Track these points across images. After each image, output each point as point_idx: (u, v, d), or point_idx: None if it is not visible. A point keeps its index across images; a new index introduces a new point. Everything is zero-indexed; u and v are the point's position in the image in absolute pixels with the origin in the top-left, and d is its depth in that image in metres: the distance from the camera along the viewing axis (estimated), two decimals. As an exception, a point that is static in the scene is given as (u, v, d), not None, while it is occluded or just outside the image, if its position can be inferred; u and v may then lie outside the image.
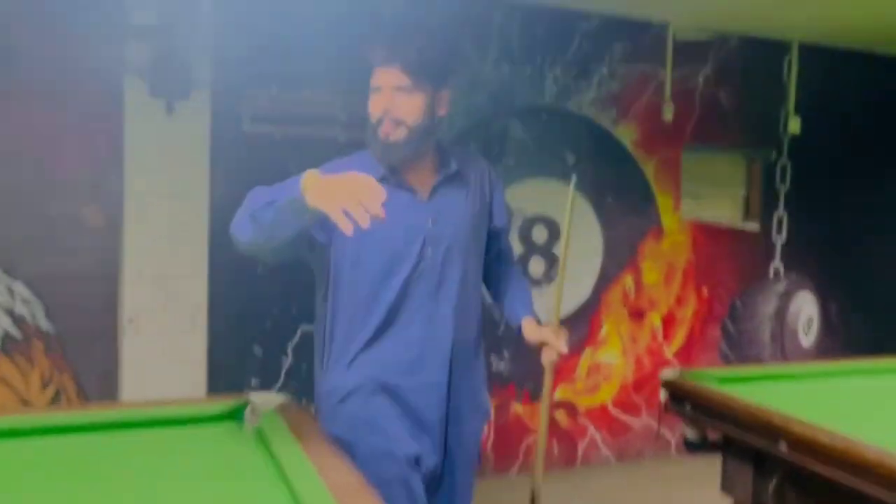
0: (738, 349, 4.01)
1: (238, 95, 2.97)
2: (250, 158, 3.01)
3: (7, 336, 2.75)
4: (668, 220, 3.82)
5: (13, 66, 2.66)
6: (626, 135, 3.69)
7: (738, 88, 3.89)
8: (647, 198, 3.76)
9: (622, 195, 3.70)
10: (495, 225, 1.82)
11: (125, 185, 2.82)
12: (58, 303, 2.78)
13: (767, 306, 4.07)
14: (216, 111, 2.93)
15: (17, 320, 2.75)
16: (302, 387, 3.17)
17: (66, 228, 2.78)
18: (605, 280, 3.71)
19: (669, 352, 3.86)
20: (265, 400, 1.68)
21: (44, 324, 2.78)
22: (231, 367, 3.05)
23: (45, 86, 2.70)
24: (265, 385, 3.11)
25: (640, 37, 3.66)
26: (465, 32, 3.32)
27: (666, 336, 3.85)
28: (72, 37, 2.70)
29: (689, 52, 3.76)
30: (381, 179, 1.59)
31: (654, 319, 3.83)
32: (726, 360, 3.97)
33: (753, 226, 4.02)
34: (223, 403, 1.71)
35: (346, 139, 3.14)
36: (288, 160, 3.07)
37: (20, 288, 2.74)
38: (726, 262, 3.97)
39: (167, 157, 2.87)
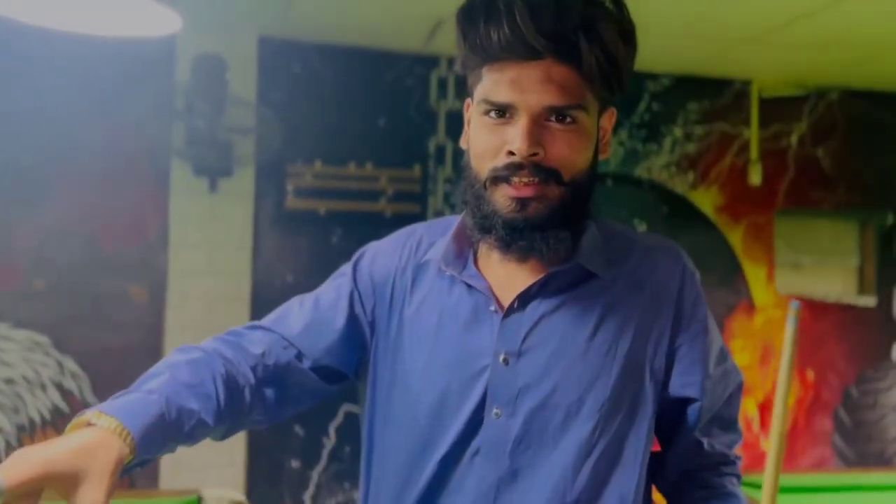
0: (856, 444, 3.44)
1: (281, 171, 2.99)
2: (294, 234, 3.01)
3: (56, 410, 2.84)
4: (760, 293, 3.40)
5: (68, 150, 2.82)
6: (706, 200, 3.36)
7: (841, 145, 3.47)
8: (734, 269, 3.38)
9: (703, 266, 3.32)
10: (673, 394, 1.01)
11: (169, 263, 2.89)
12: (104, 377, 2.84)
13: (892, 395, 3.49)
14: (259, 187, 2.96)
15: (66, 394, 2.84)
16: (344, 468, 3.03)
17: (114, 305, 2.86)
18: (687, 361, 3.33)
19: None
20: (219, 497, 1.57)
21: (90, 398, 2.85)
22: (271, 446, 2.98)
23: (97, 168, 2.85)
24: (307, 465, 3.01)
25: (719, 95, 3.37)
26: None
27: (763, 426, 3.38)
28: (121, 121, 2.84)
29: (779, 108, 3.41)
30: (446, 263, 0.99)
31: (748, 407, 3.37)
32: (843, 458, 3.41)
33: (868, 300, 3.50)
34: (177, 498, 1.63)
35: (392, 213, 3.07)
36: (332, 235, 3.04)
37: (69, 363, 2.84)
38: (836, 343, 3.46)
39: (210, 234, 2.92)
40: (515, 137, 0.90)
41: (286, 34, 2.96)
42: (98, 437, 0.76)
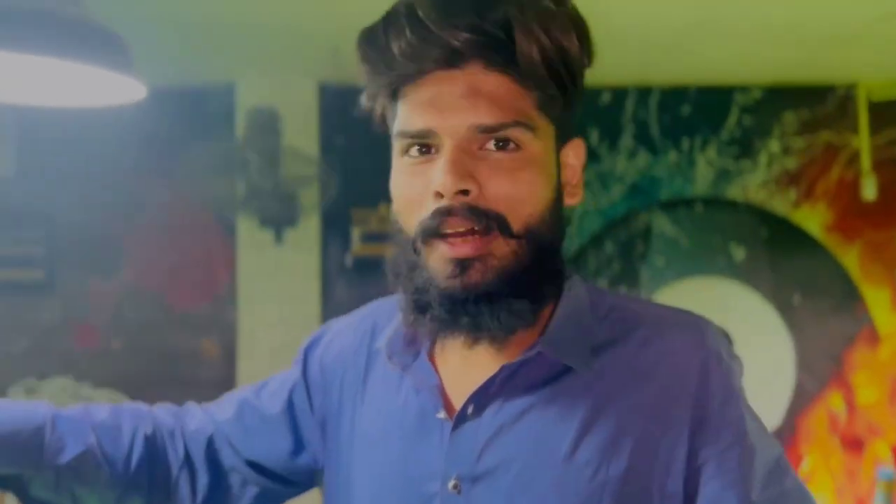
0: None
1: (345, 217, 2.93)
2: (362, 280, 2.92)
3: (136, 467, 2.86)
4: (884, 320, 3.00)
5: (138, 210, 2.87)
6: (813, 219, 3.01)
7: (972, 147, 3.03)
8: (850, 294, 3.00)
9: (814, 293, 2.99)
10: None
11: (238, 316, 2.86)
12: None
13: None
14: (325, 235, 2.90)
15: (145, 452, 2.85)
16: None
17: (186, 361, 2.86)
18: (802, 400, 2.97)
19: (907, 494, 2.94)
20: None
21: (168, 455, 2.85)
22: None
23: (165, 225, 2.88)
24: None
25: (820, 102, 3.03)
26: (589, 124, 2.99)
27: (899, 473, 2.94)
28: (186, 177, 2.87)
29: (891, 112, 3.03)
30: (389, 355, 0.80)
31: (881, 450, 2.96)
32: None
33: None
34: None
35: (461, 253, 2.93)
36: (400, 280, 2.93)
37: (147, 420, 2.85)
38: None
39: (277, 285, 2.88)
40: (438, 172, 0.68)
41: (343, 80, 2.91)
42: None
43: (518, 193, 0.70)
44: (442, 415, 0.76)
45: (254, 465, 0.89)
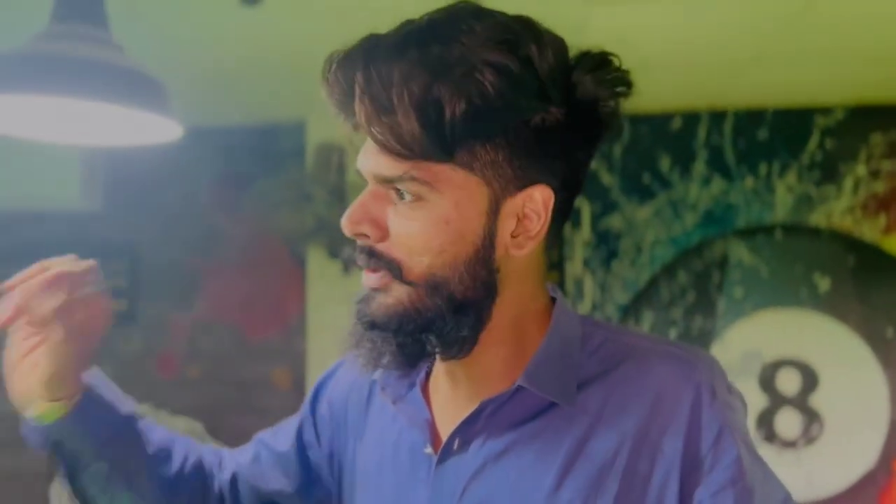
0: None
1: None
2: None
3: (210, 493, 2.94)
4: None
5: (215, 243, 2.99)
6: (906, 246, 2.82)
7: None
8: (951, 327, 2.78)
9: (909, 326, 2.78)
10: None
11: (308, 346, 2.92)
12: (252, 462, 2.90)
13: None
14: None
15: (219, 478, 2.93)
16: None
17: (258, 390, 2.94)
18: (899, 441, 2.75)
19: None
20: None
21: (241, 482, 2.92)
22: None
23: (240, 259, 2.98)
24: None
25: (912, 121, 2.85)
26: (660, 151, 2.92)
27: None
28: (261, 212, 2.97)
29: None
30: (383, 386, 0.81)
31: None
32: None
33: None
34: None
35: (528, 283, 2.90)
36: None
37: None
38: None
39: (345, 314, 2.91)
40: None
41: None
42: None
43: (413, 243, 0.69)
44: (428, 450, 0.76)
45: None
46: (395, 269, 0.70)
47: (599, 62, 0.71)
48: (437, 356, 0.74)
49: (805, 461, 2.74)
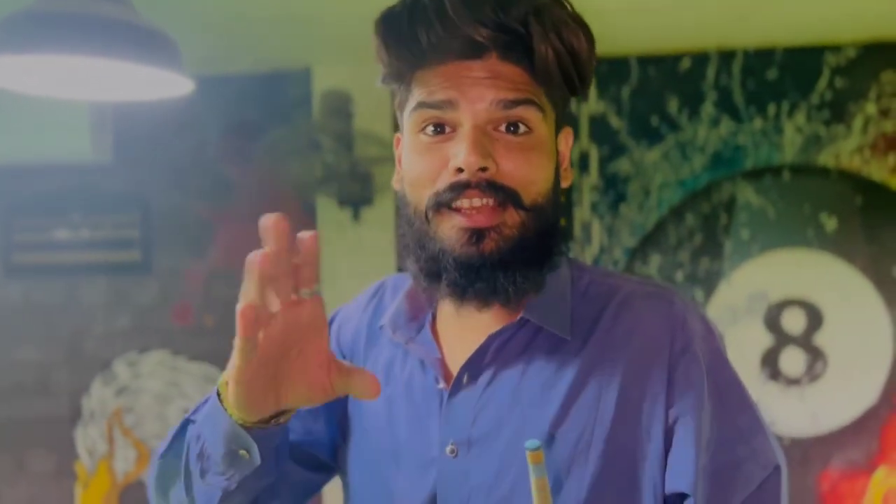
0: None
1: (420, 196, 2.97)
2: (437, 257, 2.96)
3: (229, 436, 3.03)
4: None
5: (228, 195, 3.01)
6: (914, 185, 2.82)
7: None
8: (957, 265, 2.79)
9: (916, 265, 2.80)
10: (666, 490, 0.76)
11: (320, 292, 2.96)
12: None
13: None
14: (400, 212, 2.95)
15: (237, 422, 3.02)
16: None
17: (273, 336, 3.00)
18: (902, 377, 2.80)
19: None
20: None
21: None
22: None
23: (252, 209, 3.00)
24: None
25: (923, 58, 2.82)
26: (668, 92, 2.90)
27: None
28: (270, 161, 2.98)
29: None
30: (394, 329, 0.85)
31: None
32: None
33: None
34: None
35: (536, 228, 2.92)
36: (475, 256, 2.96)
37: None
38: None
39: (356, 262, 2.96)
40: (460, 150, 0.74)
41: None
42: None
43: (529, 172, 0.76)
44: (441, 385, 0.82)
45: (300, 457, 0.90)
46: (514, 197, 0.75)
47: (591, 40, 0.81)
48: (511, 296, 0.77)
49: (809, 398, 2.80)
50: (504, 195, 0.75)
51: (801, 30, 2.72)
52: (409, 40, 0.75)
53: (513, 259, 0.75)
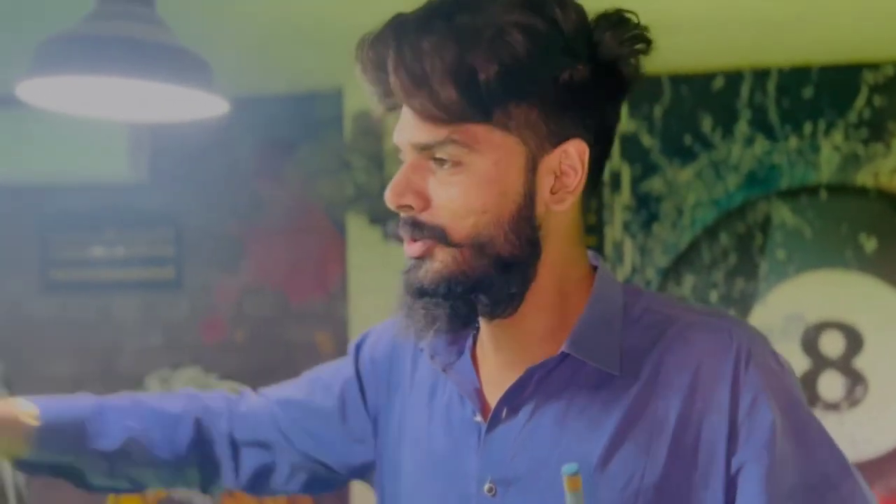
0: None
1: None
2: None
3: (258, 454, 3.03)
4: None
5: (259, 212, 3.04)
6: (956, 205, 2.75)
7: None
8: None
9: (959, 287, 2.73)
10: None
11: (350, 311, 2.97)
12: (298, 423, 2.99)
13: None
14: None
15: (266, 439, 3.03)
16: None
17: (303, 354, 3.00)
18: (946, 403, 2.72)
19: None
20: None
21: (288, 443, 3.01)
22: None
23: (283, 226, 3.03)
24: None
25: (965, 75, 2.76)
26: (702, 111, 2.87)
27: None
28: (301, 180, 3.01)
29: None
30: (432, 355, 0.83)
31: None
32: None
33: None
34: None
35: (567, 247, 2.90)
36: (505, 275, 2.94)
37: (268, 409, 3.02)
38: None
39: (385, 279, 2.96)
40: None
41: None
42: (6, 410, 0.83)
43: (456, 207, 0.73)
44: (478, 418, 0.78)
45: (306, 455, 0.93)
46: (440, 235, 0.73)
47: (618, 21, 0.74)
48: (487, 316, 0.76)
49: (848, 423, 2.72)
50: (429, 232, 0.73)
51: (838, 48, 2.68)
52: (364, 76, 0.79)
53: (438, 292, 0.73)
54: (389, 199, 0.75)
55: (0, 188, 3.04)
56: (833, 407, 2.74)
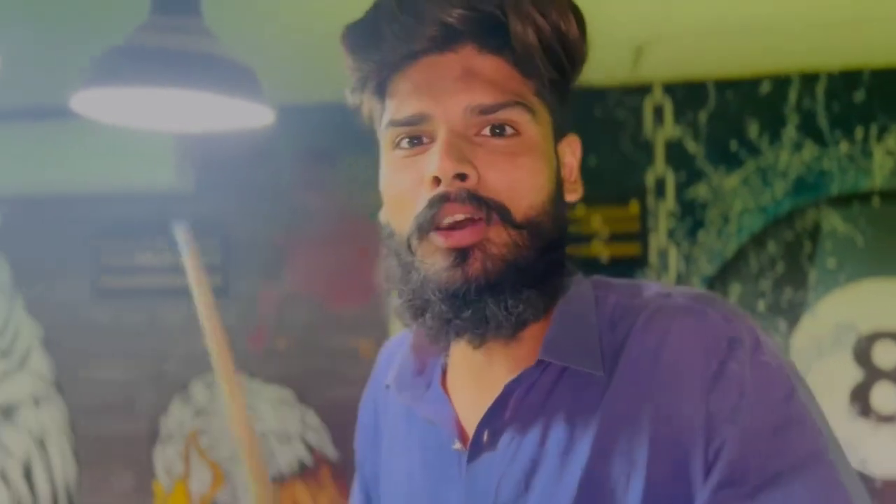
0: None
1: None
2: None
3: (301, 463, 3.05)
4: None
5: (303, 222, 3.07)
6: None
7: None
8: None
9: None
10: None
11: (390, 317, 2.98)
12: (341, 430, 3.00)
13: None
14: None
15: (309, 448, 3.05)
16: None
17: (344, 360, 3.03)
18: None
19: None
20: None
21: (330, 451, 3.02)
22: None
23: (326, 235, 3.06)
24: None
25: None
26: (748, 116, 2.82)
27: None
28: (342, 189, 3.03)
29: None
30: (399, 389, 0.78)
31: None
32: None
33: None
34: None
35: (609, 256, 2.87)
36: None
37: (311, 416, 3.05)
38: None
39: (427, 289, 2.97)
40: (433, 158, 0.63)
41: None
42: None
43: (519, 181, 0.65)
44: (457, 445, 0.72)
45: None
46: (502, 212, 0.64)
47: (582, 21, 0.70)
48: (492, 333, 0.67)
49: (902, 437, 2.64)
50: (489, 209, 0.63)
51: (890, 51, 2.61)
52: (374, 36, 0.67)
53: (502, 283, 0.64)
54: (446, 168, 0.62)
55: (54, 198, 3.14)
56: (887, 419, 2.66)
